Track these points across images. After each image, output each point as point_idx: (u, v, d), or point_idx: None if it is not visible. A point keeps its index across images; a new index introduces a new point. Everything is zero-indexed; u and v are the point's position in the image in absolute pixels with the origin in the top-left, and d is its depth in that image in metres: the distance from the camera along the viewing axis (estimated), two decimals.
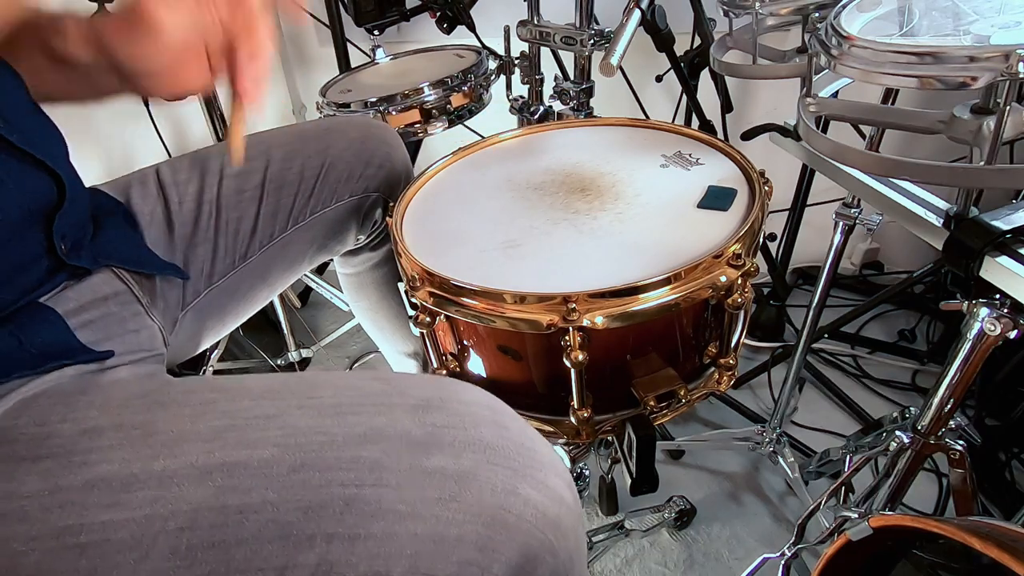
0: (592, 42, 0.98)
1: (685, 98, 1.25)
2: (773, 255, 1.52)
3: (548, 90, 1.14)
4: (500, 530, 0.43)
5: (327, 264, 1.67)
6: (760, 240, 0.67)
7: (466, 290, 0.60)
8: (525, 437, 0.48)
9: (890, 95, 0.87)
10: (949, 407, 0.77)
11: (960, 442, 0.80)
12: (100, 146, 1.43)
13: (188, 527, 0.42)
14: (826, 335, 1.51)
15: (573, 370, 0.60)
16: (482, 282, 0.59)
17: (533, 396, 0.68)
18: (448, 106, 1.04)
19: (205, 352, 0.81)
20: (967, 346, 0.71)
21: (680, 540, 1.16)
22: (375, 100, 1.01)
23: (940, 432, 0.79)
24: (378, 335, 1.03)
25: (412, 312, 0.66)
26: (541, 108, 1.15)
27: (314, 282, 1.62)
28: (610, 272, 0.59)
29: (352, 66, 1.38)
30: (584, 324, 0.56)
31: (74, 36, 0.51)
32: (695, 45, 1.18)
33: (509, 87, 1.17)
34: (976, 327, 0.68)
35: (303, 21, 0.58)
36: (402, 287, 0.65)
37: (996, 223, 0.58)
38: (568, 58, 1.13)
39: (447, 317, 0.64)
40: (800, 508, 1.11)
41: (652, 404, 0.63)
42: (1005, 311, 0.66)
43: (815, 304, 1.02)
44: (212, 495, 0.42)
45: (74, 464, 0.44)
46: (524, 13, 1.05)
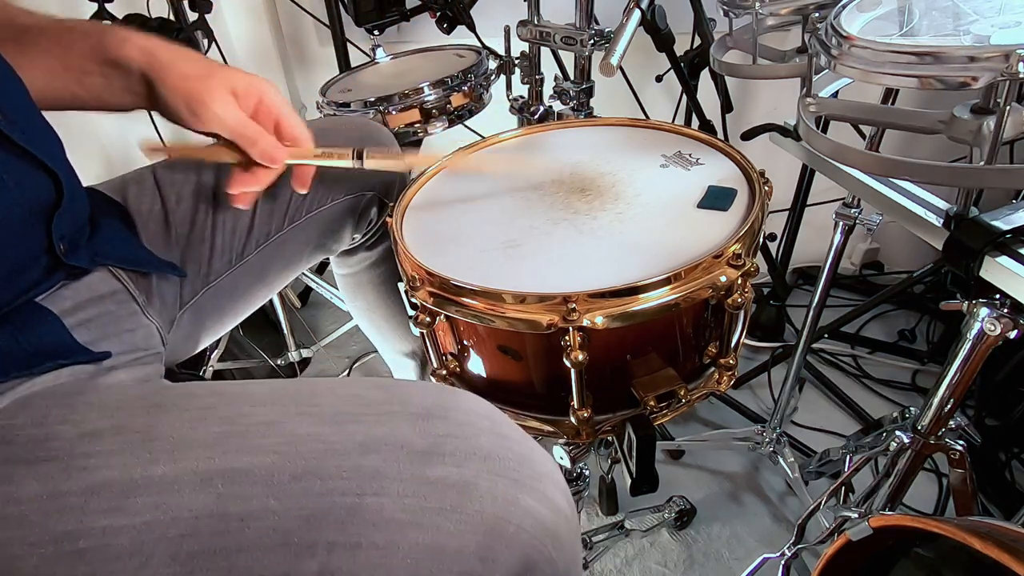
0: (592, 42, 0.98)
1: (685, 98, 1.25)
2: (773, 255, 1.52)
3: (548, 90, 1.14)
4: (500, 540, 0.43)
5: (327, 264, 1.67)
6: (760, 240, 0.67)
7: (466, 290, 0.60)
8: (525, 447, 0.49)
9: (890, 95, 0.87)
10: (949, 407, 0.77)
11: (960, 442, 0.80)
12: (100, 146, 1.43)
13: (189, 534, 0.42)
14: (826, 335, 1.51)
15: (573, 370, 0.60)
16: (482, 282, 0.59)
17: (533, 396, 0.68)
18: (448, 106, 1.04)
19: (205, 352, 0.81)
20: (967, 346, 0.71)
21: (680, 540, 1.16)
22: (375, 100, 1.01)
23: (940, 432, 0.79)
24: (376, 335, 1.03)
25: (412, 312, 0.66)
26: (541, 108, 1.15)
27: (314, 282, 1.62)
28: (610, 272, 0.59)
29: (352, 66, 1.38)
30: (584, 324, 0.56)
31: (135, 49, 0.60)
32: (695, 45, 1.18)
33: (509, 87, 1.18)
34: (976, 327, 0.68)
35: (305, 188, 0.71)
36: (402, 287, 0.65)
37: (996, 223, 0.58)
38: (568, 58, 1.13)
39: (447, 317, 0.64)
40: (800, 508, 1.11)
41: (652, 404, 0.63)
42: (1005, 311, 0.66)
43: (815, 304, 1.02)
44: (213, 502, 0.42)
45: (74, 468, 0.44)
46: (524, 13, 1.05)
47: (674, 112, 1.36)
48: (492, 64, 1.11)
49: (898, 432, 0.82)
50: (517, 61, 1.14)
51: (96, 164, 1.36)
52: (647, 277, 0.57)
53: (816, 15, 0.71)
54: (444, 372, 0.71)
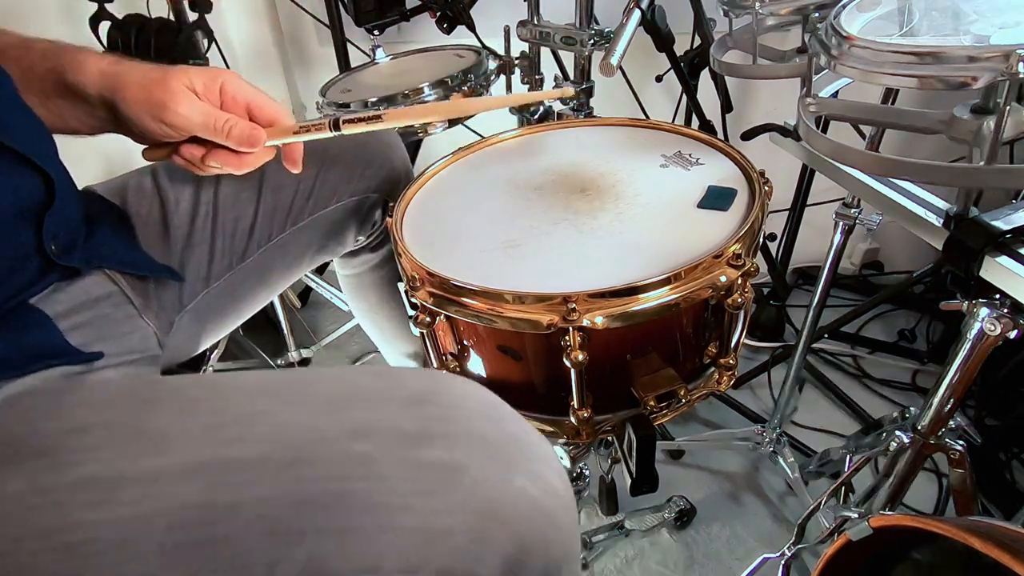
0: (592, 42, 0.98)
1: (685, 98, 1.25)
2: (773, 255, 1.52)
3: None
4: (493, 521, 0.42)
5: (327, 264, 1.67)
6: (760, 240, 0.67)
7: (466, 290, 0.60)
8: (519, 429, 0.48)
9: (890, 95, 0.87)
10: (949, 407, 0.77)
11: (960, 442, 0.80)
12: (99, 146, 1.43)
13: (176, 525, 0.41)
14: (826, 335, 1.51)
15: (573, 370, 0.60)
16: (482, 282, 0.59)
17: (533, 396, 0.68)
18: None
19: (205, 352, 0.81)
20: (967, 346, 0.71)
21: (680, 540, 1.16)
22: (375, 100, 1.01)
23: (940, 432, 0.79)
24: (378, 336, 1.03)
25: (412, 312, 0.66)
26: (541, 108, 1.15)
27: (314, 282, 1.62)
28: (610, 272, 0.59)
29: (352, 66, 1.38)
30: (584, 324, 0.56)
31: (91, 74, 0.58)
32: (695, 45, 1.18)
33: (509, 87, 1.17)
34: (976, 327, 0.68)
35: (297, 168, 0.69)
36: (402, 287, 0.65)
37: (996, 223, 0.58)
38: (568, 58, 1.13)
39: (447, 317, 0.64)
40: (800, 508, 1.11)
41: (652, 404, 0.63)
42: (1005, 311, 0.66)
43: (815, 304, 1.02)
44: (200, 492, 0.42)
45: (60, 464, 0.43)
46: (524, 13, 1.05)
47: (674, 112, 1.36)
48: (492, 64, 1.11)
49: (898, 432, 0.82)
50: (517, 61, 1.14)
51: (94, 164, 1.36)
52: (647, 277, 0.57)
53: (816, 15, 0.71)
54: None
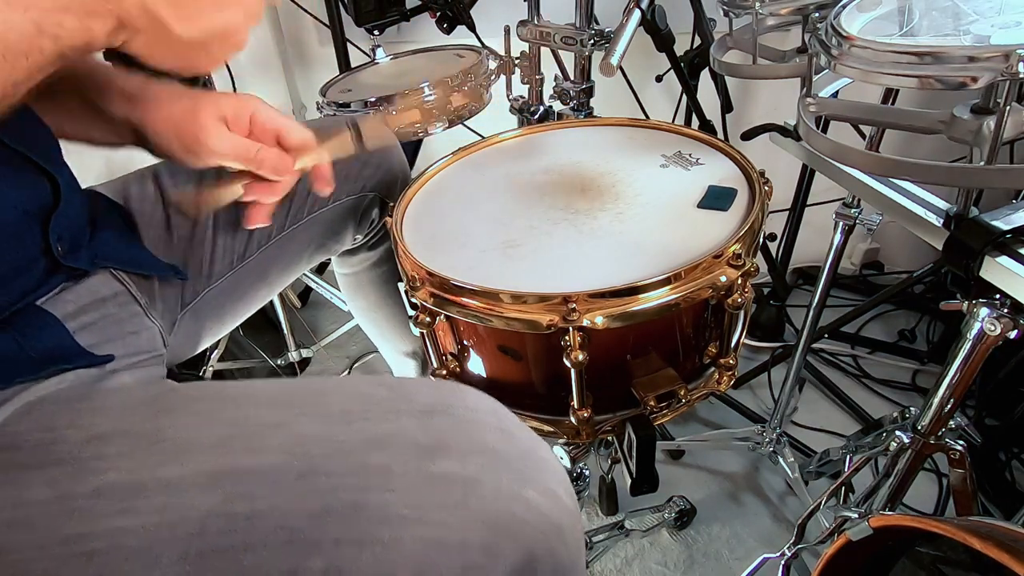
0: (592, 42, 0.98)
1: (685, 98, 1.25)
2: (773, 255, 1.52)
3: (548, 90, 1.13)
4: (504, 534, 0.43)
5: (327, 264, 1.67)
6: (760, 240, 0.67)
7: (466, 290, 0.60)
8: (529, 443, 0.49)
9: (890, 95, 0.87)
10: (949, 407, 0.77)
11: (960, 442, 0.80)
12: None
13: (196, 534, 0.42)
14: (826, 335, 1.51)
15: (573, 370, 0.60)
16: (482, 282, 0.59)
17: (533, 396, 0.68)
18: (448, 106, 1.04)
19: (205, 352, 0.81)
20: (967, 346, 0.70)
21: (680, 540, 1.16)
22: (375, 100, 1.01)
23: (940, 432, 0.79)
24: (377, 335, 1.03)
25: (412, 312, 0.66)
26: (541, 108, 1.15)
27: (314, 282, 1.61)
28: (610, 272, 0.59)
29: (352, 66, 1.38)
30: (584, 324, 0.56)
31: (116, 95, 0.59)
32: (695, 45, 1.18)
33: (509, 87, 1.17)
34: (976, 327, 0.68)
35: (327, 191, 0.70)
36: (402, 287, 0.65)
37: (996, 223, 0.58)
38: (568, 58, 1.13)
39: (447, 317, 0.64)
40: (800, 508, 1.11)
41: (652, 404, 0.63)
42: (1005, 311, 0.66)
43: (815, 304, 1.02)
44: (220, 502, 0.43)
45: (81, 471, 0.44)
46: (524, 13, 1.05)
47: (674, 112, 1.36)
48: (492, 64, 1.11)
49: (898, 432, 0.82)
50: (517, 61, 1.14)
51: (97, 164, 1.36)
52: (647, 277, 0.57)
53: (816, 15, 0.71)
54: (444, 372, 0.71)
